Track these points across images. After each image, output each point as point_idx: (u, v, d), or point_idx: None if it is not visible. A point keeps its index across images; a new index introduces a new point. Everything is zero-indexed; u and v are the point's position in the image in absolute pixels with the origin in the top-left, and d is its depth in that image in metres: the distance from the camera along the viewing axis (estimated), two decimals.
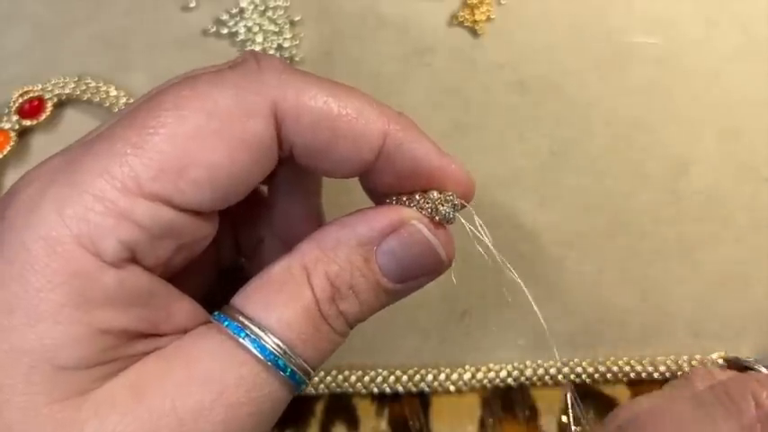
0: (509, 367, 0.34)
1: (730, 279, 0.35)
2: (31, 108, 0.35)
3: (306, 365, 0.20)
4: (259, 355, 0.19)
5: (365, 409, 0.33)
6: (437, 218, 0.21)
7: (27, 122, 0.35)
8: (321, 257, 0.20)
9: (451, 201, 0.22)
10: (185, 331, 0.20)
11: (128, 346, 0.19)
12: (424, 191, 0.22)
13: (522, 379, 0.33)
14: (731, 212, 0.36)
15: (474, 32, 0.38)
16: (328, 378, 0.33)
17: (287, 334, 0.19)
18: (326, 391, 0.33)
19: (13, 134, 0.35)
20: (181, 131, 0.18)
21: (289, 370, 0.19)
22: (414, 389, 0.33)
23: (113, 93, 0.36)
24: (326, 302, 0.20)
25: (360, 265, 0.21)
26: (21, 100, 0.35)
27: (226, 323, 0.19)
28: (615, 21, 0.38)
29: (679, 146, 0.36)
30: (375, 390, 0.33)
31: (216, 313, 0.20)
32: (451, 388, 0.33)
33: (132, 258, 0.18)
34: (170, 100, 0.19)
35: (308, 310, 0.20)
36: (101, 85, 0.36)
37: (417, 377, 0.33)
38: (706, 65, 0.38)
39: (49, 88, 0.35)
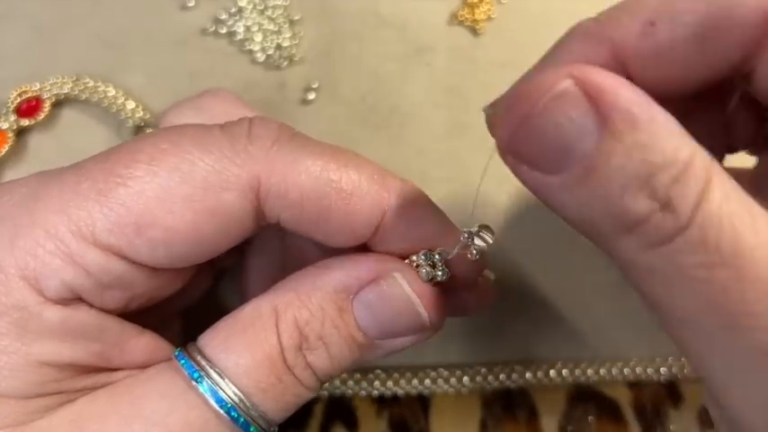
0: (509, 368, 0.33)
1: None
2: (29, 108, 0.35)
3: (265, 417, 0.18)
4: (211, 402, 0.18)
5: (365, 411, 0.33)
6: (423, 275, 0.20)
7: (25, 122, 0.35)
8: (294, 301, 0.19)
9: (437, 259, 0.20)
10: (145, 366, 0.19)
11: (75, 379, 0.18)
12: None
13: (522, 381, 0.33)
14: None
15: (474, 31, 0.38)
16: None
17: (244, 381, 0.18)
18: (326, 392, 0.33)
19: (10, 134, 0.34)
20: (148, 189, 0.17)
21: (242, 420, 0.18)
22: (413, 391, 0.33)
23: (111, 92, 0.35)
24: (292, 351, 0.19)
25: (333, 314, 0.19)
26: (18, 99, 0.35)
27: (183, 361, 0.18)
28: None
29: None
30: (375, 392, 0.33)
31: (177, 350, 0.19)
32: (451, 390, 0.33)
33: (78, 298, 0.18)
34: (147, 151, 0.18)
35: (270, 358, 0.18)
36: (99, 84, 0.36)
37: (417, 379, 0.33)
38: None
39: (47, 88, 0.35)
